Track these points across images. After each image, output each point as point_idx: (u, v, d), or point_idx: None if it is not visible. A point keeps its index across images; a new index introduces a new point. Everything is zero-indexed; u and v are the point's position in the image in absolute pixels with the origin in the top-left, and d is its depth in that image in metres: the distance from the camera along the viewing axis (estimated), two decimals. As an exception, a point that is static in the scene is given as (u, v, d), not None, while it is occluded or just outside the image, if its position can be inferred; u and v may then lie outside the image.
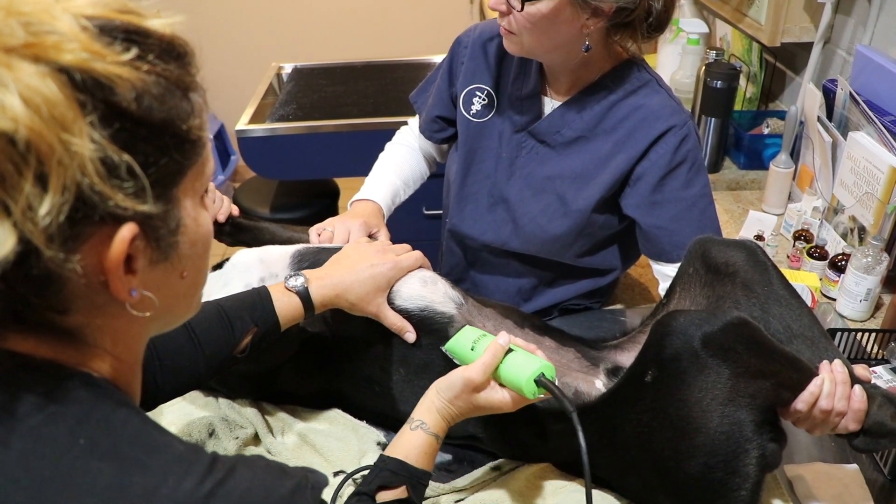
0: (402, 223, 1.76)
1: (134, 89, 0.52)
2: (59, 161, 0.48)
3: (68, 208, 0.49)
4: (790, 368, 0.94)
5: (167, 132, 0.55)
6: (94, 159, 0.50)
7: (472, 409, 0.96)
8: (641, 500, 1.04)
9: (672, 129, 1.27)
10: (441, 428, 0.96)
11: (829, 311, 1.47)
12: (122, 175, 0.51)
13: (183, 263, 0.60)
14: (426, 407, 0.96)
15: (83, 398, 0.55)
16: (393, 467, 0.91)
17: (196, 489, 0.54)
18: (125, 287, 0.55)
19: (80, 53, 0.50)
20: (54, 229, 0.49)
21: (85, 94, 0.50)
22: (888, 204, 1.45)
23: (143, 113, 0.52)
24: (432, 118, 1.52)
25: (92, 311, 0.57)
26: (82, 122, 0.49)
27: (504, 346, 0.97)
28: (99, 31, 0.52)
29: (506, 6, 1.19)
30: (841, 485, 1.08)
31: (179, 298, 0.63)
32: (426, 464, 0.93)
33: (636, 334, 1.16)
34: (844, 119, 1.65)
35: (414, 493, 0.90)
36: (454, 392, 0.95)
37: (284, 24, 3.82)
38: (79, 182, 0.49)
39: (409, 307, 1.10)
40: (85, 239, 0.52)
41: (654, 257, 1.35)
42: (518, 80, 1.37)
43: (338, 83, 2.69)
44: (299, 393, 1.22)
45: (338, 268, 1.08)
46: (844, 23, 1.79)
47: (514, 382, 0.94)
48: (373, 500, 0.89)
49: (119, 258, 0.53)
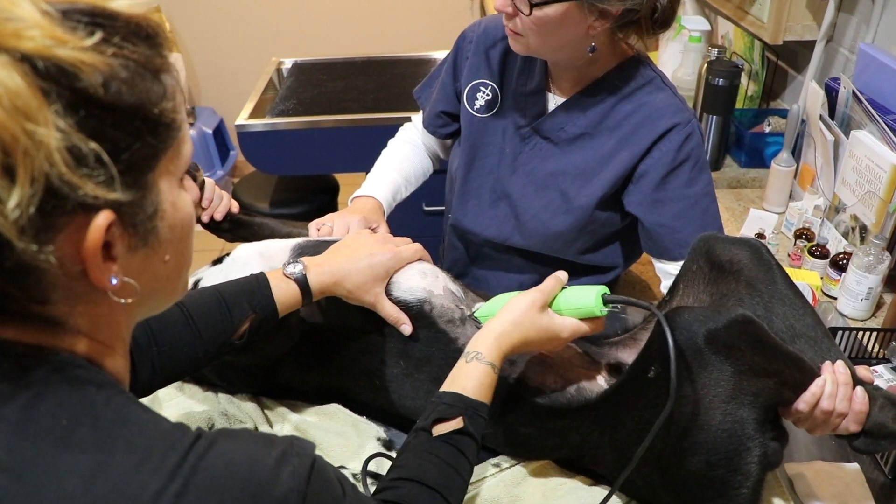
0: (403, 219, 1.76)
1: (100, 74, 0.51)
2: (25, 152, 0.47)
3: (38, 199, 0.49)
4: (793, 368, 0.94)
5: (138, 116, 0.53)
6: (60, 149, 0.49)
7: (531, 333, 0.96)
8: (643, 497, 1.04)
9: (676, 127, 1.27)
10: (497, 356, 0.94)
11: (830, 310, 1.47)
12: (90, 164, 0.50)
13: (164, 247, 0.60)
14: (482, 337, 0.95)
15: (65, 380, 0.55)
16: (448, 400, 0.90)
17: (180, 464, 0.54)
18: (104, 275, 0.55)
19: (42, 40, 0.48)
20: (25, 221, 0.49)
21: (48, 81, 0.49)
22: (890, 203, 1.45)
23: (112, 98, 0.51)
24: (436, 113, 1.52)
25: (73, 300, 0.56)
26: (47, 111, 0.48)
27: (563, 279, 1.00)
28: (62, 15, 0.51)
29: (512, 8, 1.18)
30: (842, 484, 1.08)
31: (163, 282, 0.62)
32: (483, 395, 0.91)
33: (638, 331, 1.16)
34: (847, 117, 1.65)
35: (471, 424, 0.88)
36: (514, 315, 0.95)
37: (284, 19, 3.81)
38: (47, 173, 0.48)
39: (408, 299, 1.10)
40: (59, 229, 0.51)
41: (656, 255, 1.35)
42: (522, 75, 1.37)
43: (338, 78, 2.69)
44: (299, 388, 1.22)
45: (337, 255, 1.07)
46: (847, 21, 1.79)
47: (579, 304, 0.97)
48: (429, 434, 0.88)
49: (96, 246, 0.53)
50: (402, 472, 0.84)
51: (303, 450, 0.61)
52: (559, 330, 0.98)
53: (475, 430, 0.89)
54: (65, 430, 0.53)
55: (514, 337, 0.96)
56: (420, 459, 0.85)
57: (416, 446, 0.87)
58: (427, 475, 0.83)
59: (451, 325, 1.10)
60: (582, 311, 0.98)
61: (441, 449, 0.86)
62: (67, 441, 0.53)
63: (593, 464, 1.07)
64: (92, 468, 0.52)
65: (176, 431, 0.56)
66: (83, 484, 0.52)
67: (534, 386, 1.06)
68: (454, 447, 0.87)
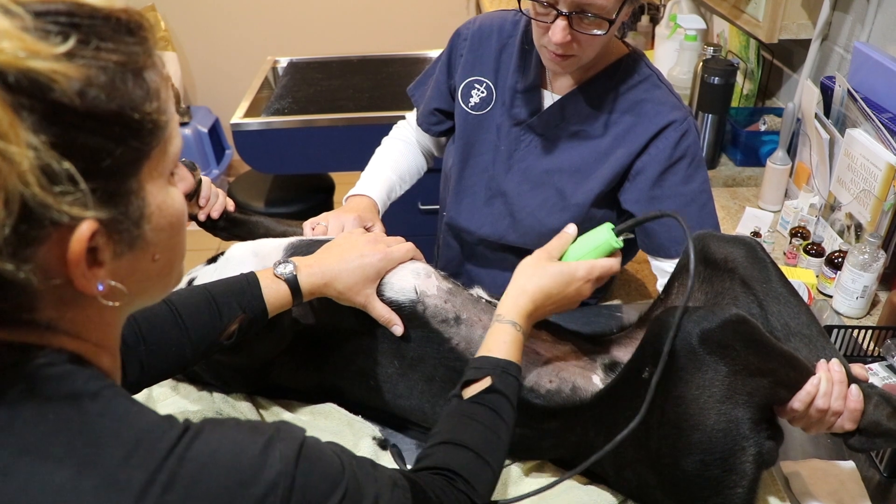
0: (398, 218, 1.76)
1: (76, 82, 0.49)
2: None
3: (13, 221, 0.47)
4: (788, 367, 0.94)
5: (119, 122, 0.52)
6: (34, 168, 0.47)
7: (546, 281, 0.97)
8: (638, 497, 1.04)
9: (672, 125, 1.27)
10: (517, 313, 0.95)
11: (826, 308, 1.47)
12: (65, 182, 0.49)
13: (153, 248, 0.59)
14: (501, 301, 0.97)
15: (52, 376, 0.55)
16: (475, 364, 0.91)
17: (167, 456, 0.54)
18: (90, 282, 0.54)
19: (12, 51, 0.46)
20: (1, 243, 0.48)
21: (20, 95, 0.47)
22: (885, 201, 1.45)
23: (89, 106, 0.49)
24: (430, 111, 1.51)
25: (61, 306, 0.56)
26: (19, 128, 0.46)
27: (572, 234, 1.03)
28: (34, 16, 0.48)
29: (572, 37, 1.17)
30: (837, 482, 1.08)
31: (153, 280, 0.61)
32: (510, 354, 0.92)
33: (634, 330, 1.16)
34: (842, 116, 1.65)
35: (500, 382, 0.89)
36: (525, 270, 0.98)
37: (280, 18, 3.81)
38: (21, 193, 0.47)
39: (401, 299, 1.09)
40: (39, 243, 0.50)
41: (652, 253, 1.35)
42: (518, 72, 1.36)
43: (333, 77, 2.68)
44: (294, 387, 1.21)
45: (328, 256, 1.07)
46: (842, 20, 1.79)
47: (594, 244, 1.00)
48: (460, 398, 0.89)
49: (79, 257, 0.52)
50: (438, 438, 0.84)
51: (290, 433, 0.61)
52: (573, 270, 0.99)
53: (505, 388, 0.89)
54: (52, 424, 0.52)
55: (529, 290, 0.97)
56: (453, 423, 0.86)
57: (449, 412, 0.88)
58: (462, 437, 0.83)
59: (444, 325, 1.09)
60: (598, 251, 1.00)
61: (472, 409, 0.87)
62: (54, 435, 0.52)
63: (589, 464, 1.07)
64: (80, 461, 0.52)
65: (163, 423, 0.56)
66: (72, 477, 0.51)
67: (529, 386, 1.06)
68: (486, 406, 0.87)
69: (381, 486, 0.68)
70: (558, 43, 1.16)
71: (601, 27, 1.16)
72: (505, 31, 1.38)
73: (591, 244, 1.01)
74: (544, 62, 1.28)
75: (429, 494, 0.74)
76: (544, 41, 1.21)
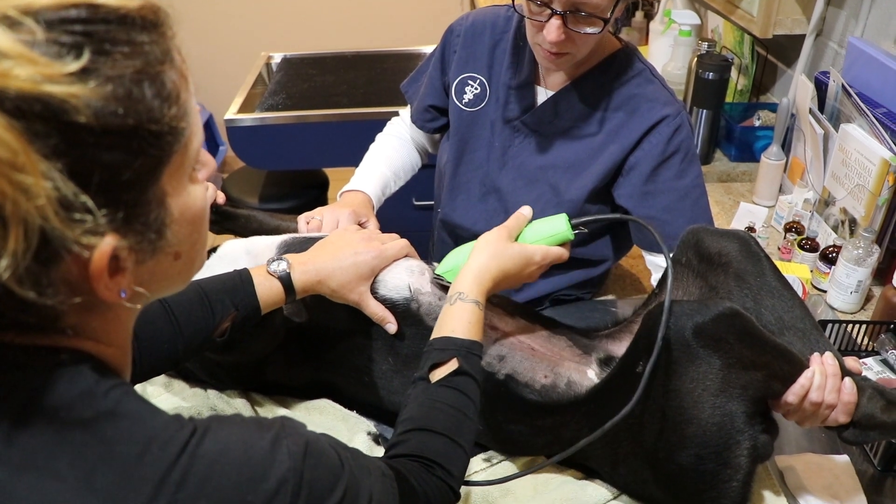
0: (392, 213, 1.75)
1: (93, 101, 0.47)
2: (15, 204, 0.44)
3: (33, 251, 0.46)
4: (781, 360, 0.94)
5: (137, 136, 0.50)
6: (51, 199, 0.46)
7: (506, 262, 0.99)
8: (633, 492, 1.04)
9: (665, 119, 1.26)
10: (479, 292, 0.96)
11: (820, 303, 1.47)
12: (83, 212, 0.48)
13: (175, 248, 0.58)
14: (461, 278, 0.97)
15: (66, 375, 0.54)
16: (439, 345, 0.91)
17: (179, 454, 0.54)
18: (113, 291, 0.53)
19: (26, 80, 0.44)
20: (22, 272, 0.47)
21: (34, 122, 0.45)
22: (879, 196, 1.45)
23: (106, 124, 0.48)
24: (424, 107, 1.51)
25: (83, 314, 0.55)
26: (33, 156, 0.45)
27: (527, 215, 1.05)
28: (45, 28, 0.46)
29: (566, 36, 1.16)
30: (831, 475, 1.08)
31: (174, 277, 0.61)
32: (473, 333, 0.92)
33: (628, 324, 1.16)
34: (836, 111, 1.65)
35: (466, 363, 0.89)
36: (488, 249, 0.99)
37: (274, 13, 3.80)
38: (41, 225, 0.46)
39: (395, 297, 1.09)
40: (59, 266, 0.50)
41: (646, 248, 1.35)
42: (511, 69, 1.36)
43: (327, 73, 2.67)
44: (288, 384, 1.21)
45: (321, 253, 1.06)
46: (836, 15, 1.79)
47: (549, 232, 1.03)
48: (427, 382, 0.88)
49: (101, 270, 0.51)
50: (409, 424, 0.84)
51: (294, 429, 0.61)
52: (531, 254, 1.02)
53: (471, 368, 0.89)
54: (64, 423, 0.52)
55: (493, 269, 0.98)
56: (423, 408, 0.85)
57: (417, 396, 0.87)
58: (433, 422, 0.83)
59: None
60: (553, 239, 1.03)
61: (442, 393, 0.87)
62: (67, 434, 0.52)
63: (584, 459, 1.07)
64: (93, 460, 0.52)
65: (174, 422, 0.56)
66: (84, 476, 0.51)
67: (524, 381, 1.06)
68: (455, 389, 0.87)
69: (374, 478, 0.68)
70: (553, 42, 1.16)
71: (596, 25, 1.15)
72: (498, 27, 1.38)
73: (547, 231, 1.04)
74: (538, 60, 1.28)
75: (411, 482, 0.75)
76: (538, 39, 1.20)
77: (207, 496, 0.53)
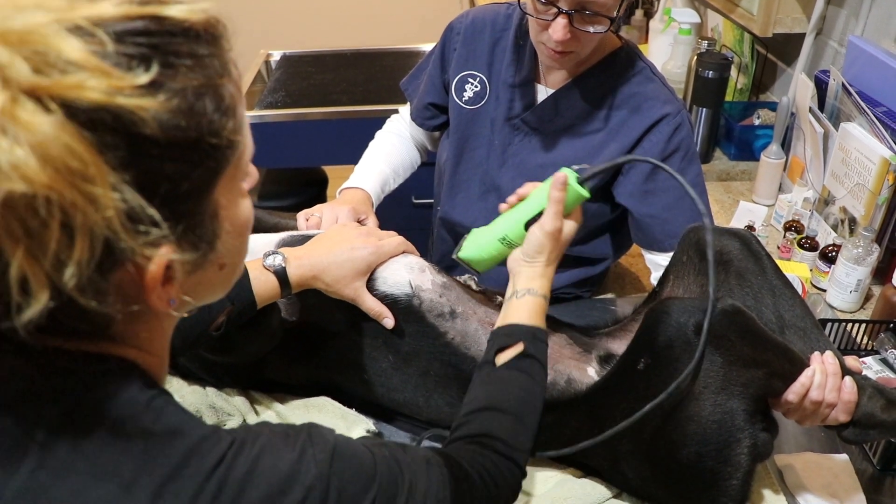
0: (391, 211, 1.75)
1: (160, 114, 0.47)
2: (84, 217, 0.45)
3: (96, 261, 0.47)
4: (782, 358, 0.94)
5: (197, 148, 0.51)
6: (119, 210, 0.46)
7: (561, 249, 0.99)
8: (633, 490, 1.04)
9: (666, 118, 1.26)
10: (547, 287, 0.97)
11: (819, 302, 1.47)
12: (148, 224, 0.48)
13: (221, 258, 0.59)
14: (527, 276, 0.97)
15: (110, 383, 0.55)
16: (504, 331, 0.92)
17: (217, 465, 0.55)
18: (164, 300, 0.54)
19: (100, 92, 0.44)
20: (84, 281, 0.47)
21: (106, 134, 0.45)
22: (879, 195, 1.45)
23: (170, 137, 0.48)
24: (424, 105, 1.50)
25: (132, 321, 0.56)
26: (103, 168, 0.45)
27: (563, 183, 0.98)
28: (116, 41, 0.46)
29: (571, 34, 1.16)
30: (831, 474, 1.08)
31: (218, 285, 0.62)
32: (539, 322, 0.94)
33: (629, 322, 1.15)
34: (836, 110, 1.65)
35: (532, 347, 0.90)
36: (545, 249, 0.97)
37: (273, 11, 3.79)
38: (106, 236, 0.47)
39: (396, 293, 1.09)
40: (118, 275, 0.51)
41: (646, 246, 1.35)
42: (511, 66, 1.36)
43: (327, 71, 2.67)
44: (287, 381, 1.21)
45: (317, 248, 1.06)
46: (837, 14, 1.79)
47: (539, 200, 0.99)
48: (493, 365, 0.90)
49: (156, 280, 0.52)
50: (473, 405, 0.85)
51: (321, 437, 0.63)
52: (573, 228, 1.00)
53: (537, 352, 0.90)
54: (108, 430, 0.53)
55: (553, 265, 0.98)
56: (487, 389, 0.87)
57: (482, 379, 0.89)
58: (498, 401, 0.84)
59: (439, 319, 1.09)
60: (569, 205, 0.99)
61: (507, 375, 0.88)
62: (111, 441, 0.53)
63: (584, 457, 1.06)
64: (133, 470, 0.52)
65: (213, 434, 0.57)
66: (125, 484, 0.52)
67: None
68: (520, 371, 0.88)
69: (415, 470, 0.69)
70: (559, 40, 1.16)
71: (601, 24, 1.15)
72: (498, 24, 1.38)
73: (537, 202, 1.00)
74: (541, 58, 1.27)
75: (463, 466, 0.75)
76: (543, 38, 1.20)
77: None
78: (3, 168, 0.42)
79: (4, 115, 0.42)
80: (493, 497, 0.77)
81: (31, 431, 0.52)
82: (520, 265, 0.99)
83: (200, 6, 0.52)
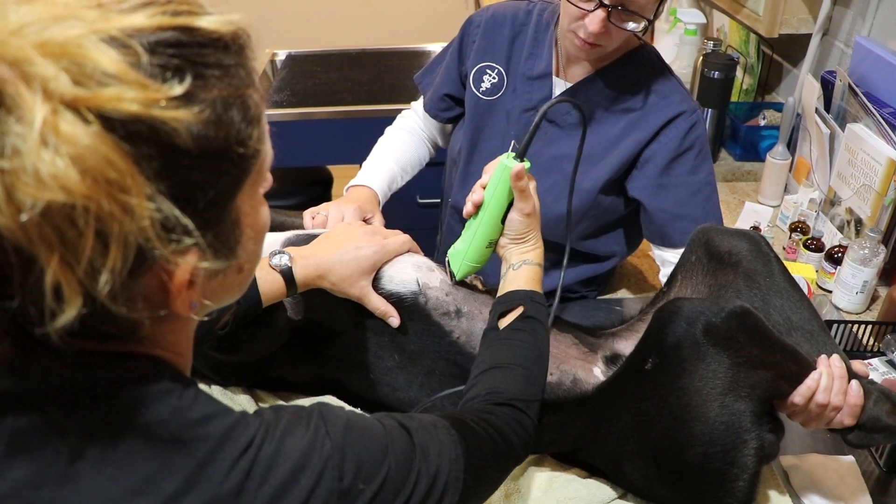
0: (396, 211, 1.75)
1: (194, 125, 0.48)
2: (120, 227, 0.46)
3: (128, 269, 0.48)
4: (790, 360, 0.94)
5: (225, 157, 0.51)
6: (154, 220, 0.47)
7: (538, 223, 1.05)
8: (639, 490, 1.04)
9: (682, 115, 1.28)
10: (541, 257, 1.04)
11: (825, 303, 1.47)
12: (180, 233, 0.49)
13: (241, 262, 0.60)
14: (520, 251, 1.03)
15: (142, 376, 0.56)
16: (504, 298, 0.98)
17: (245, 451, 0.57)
18: (187, 304, 0.55)
19: (137, 104, 0.45)
20: (117, 288, 0.48)
21: (142, 145, 0.46)
22: (885, 196, 1.44)
23: (201, 147, 0.49)
24: (439, 96, 1.51)
25: (159, 324, 0.57)
26: (139, 179, 0.46)
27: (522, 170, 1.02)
28: (150, 52, 0.46)
29: (605, 29, 1.18)
30: (837, 476, 1.08)
31: (234, 289, 0.63)
32: (537, 288, 1.00)
33: (635, 322, 1.15)
34: (842, 111, 1.64)
35: (531, 308, 0.95)
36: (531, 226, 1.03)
37: (279, 10, 3.79)
38: (139, 244, 0.47)
39: (403, 291, 1.09)
40: (146, 282, 0.52)
41: (656, 241, 1.35)
42: (530, 59, 1.37)
43: (332, 70, 2.67)
44: (293, 380, 1.21)
45: (323, 247, 1.06)
46: (843, 14, 1.78)
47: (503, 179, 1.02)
48: (496, 329, 0.95)
49: (182, 286, 0.53)
50: (480, 367, 0.89)
51: (332, 414, 0.65)
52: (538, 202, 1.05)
53: (537, 313, 0.95)
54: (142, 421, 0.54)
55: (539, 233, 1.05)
56: (492, 350, 0.91)
57: (486, 344, 0.94)
58: (502, 360, 0.89)
59: (445, 317, 1.09)
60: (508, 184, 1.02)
61: (510, 335, 0.93)
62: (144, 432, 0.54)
63: (589, 457, 1.07)
64: (169, 455, 0.54)
65: (243, 419, 0.59)
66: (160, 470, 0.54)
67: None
68: (523, 331, 0.93)
69: (424, 435, 0.70)
70: (593, 32, 1.18)
71: (637, 22, 1.18)
72: (518, 19, 1.40)
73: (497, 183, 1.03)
74: (567, 47, 1.28)
75: (468, 423, 0.77)
76: (576, 26, 1.21)
77: (270, 484, 0.58)
78: (44, 178, 0.43)
79: (46, 126, 0.43)
80: (504, 451, 0.79)
81: (66, 426, 0.53)
82: (511, 247, 1.04)
83: (230, 17, 0.52)
